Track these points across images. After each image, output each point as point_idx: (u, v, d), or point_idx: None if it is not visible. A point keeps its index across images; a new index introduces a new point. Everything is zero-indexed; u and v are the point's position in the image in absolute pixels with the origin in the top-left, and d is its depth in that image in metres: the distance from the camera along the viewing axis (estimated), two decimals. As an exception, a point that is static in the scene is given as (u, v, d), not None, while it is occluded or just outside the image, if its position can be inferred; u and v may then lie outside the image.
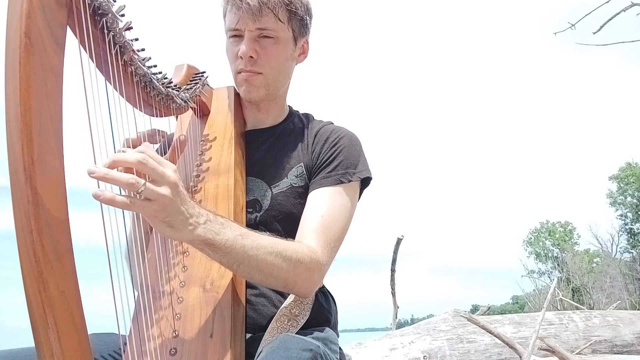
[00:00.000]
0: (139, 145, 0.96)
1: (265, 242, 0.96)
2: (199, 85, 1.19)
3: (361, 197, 1.24)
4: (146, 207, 0.78)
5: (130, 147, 0.96)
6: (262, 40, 1.17)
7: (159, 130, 1.09)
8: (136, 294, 0.97)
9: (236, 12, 1.15)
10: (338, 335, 1.20)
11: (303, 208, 1.16)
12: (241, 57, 1.17)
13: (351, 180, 1.17)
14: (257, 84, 1.21)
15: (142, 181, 0.77)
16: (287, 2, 1.16)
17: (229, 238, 0.89)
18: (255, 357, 0.90)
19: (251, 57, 1.17)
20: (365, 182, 1.22)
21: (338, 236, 1.12)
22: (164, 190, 0.79)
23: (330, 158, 1.19)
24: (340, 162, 1.18)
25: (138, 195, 0.77)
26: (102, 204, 0.73)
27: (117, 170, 0.76)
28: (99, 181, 0.73)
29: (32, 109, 0.60)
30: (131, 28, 0.83)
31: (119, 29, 0.81)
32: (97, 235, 0.71)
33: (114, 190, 0.76)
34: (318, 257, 1.05)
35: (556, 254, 36.86)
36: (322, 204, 1.13)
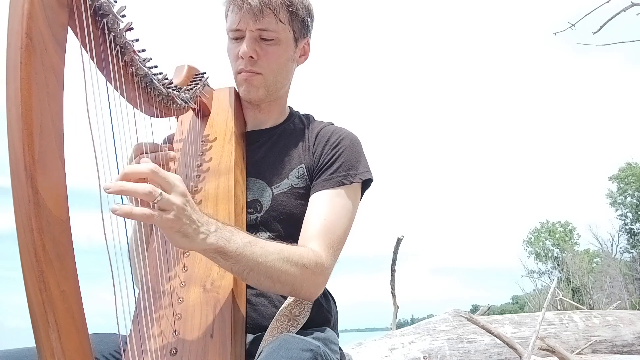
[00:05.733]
0: (156, 150, 1.04)
1: (272, 249, 0.97)
2: (199, 85, 1.19)
3: (362, 198, 1.24)
4: (163, 218, 0.78)
5: (145, 153, 1.01)
6: (262, 40, 1.18)
7: (159, 145, 1.10)
8: (137, 291, 0.97)
9: (237, 12, 1.15)
10: (338, 335, 1.21)
11: (303, 209, 1.17)
12: (242, 57, 1.18)
13: (353, 182, 1.18)
14: (256, 84, 1.21)
15: (159, 190, 0.78)
16: (288, 3, 1.16)
17: (239, 245, 0.90)
18: (256, 357, 0.90)
19: (251, 57, 1.17)
20: (366, 183, 1.22)
21: (340, 239, 1.13)
22: (177, 199, 0.80)
23: (332, 160, 1.19)
24: (342, 163, 1.19)
25: (154, 205, 0.77)
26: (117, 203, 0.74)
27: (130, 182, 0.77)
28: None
29: (33, 109, 0.60)
30: (132, 29, 0.83)
31: (120, 29, 0.81)
32: (98, 234, 0.71)
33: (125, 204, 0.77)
34: (322, 261, 1.05)
35: (556, 254, 36.83)
36: (324, 206, 1.14)
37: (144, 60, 0.92)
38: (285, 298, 1.10)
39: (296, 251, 1.02)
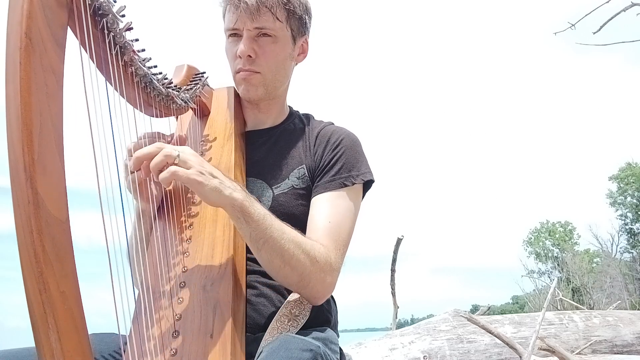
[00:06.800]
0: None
1: (288, 230, 1.01)
2: (199, 85, 1.19)
3: (364, 198, 1.24)
4: (187, 173, 0.90)
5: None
6: (260, 39, 1.18)
7: (161, 134, 1.11)
8: (137, 292, 0.97)
9: (234, 11, 1.16)
10: (338, 335, 1.21)
11: (304, 209, 1.17)
12: (240, 57, 1.18)
13: (355, 183, 1.18)
14: (255, 83, 1.21)
15: (176, 152, 0.90)
16: (285, 1, 1.17)
17: (261, 212, 0.98)
18: (256, 357, 0.90)
19: (249, 56, 1.18)
20: (367, 184, 1.23)
21: (345, 240, 1.13)
22: (191, 156, 0.93)
23: (333, 161, 1.20)
24: (343, 165, 1.19)
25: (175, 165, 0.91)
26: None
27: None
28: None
29: (32, 109, 0.60)
30: (131, 28, 0.83)
31: (120, 29, 0.81)
32: (98, 234, 0.71)
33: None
34: (331, 260, 1.07)
35: (556, 254, 36.82)
36: (327, 209, 1.14)
37: (143, 60, 0.92)
38: (285, 298, 1.10)
39: (309, 242, 1.04)
